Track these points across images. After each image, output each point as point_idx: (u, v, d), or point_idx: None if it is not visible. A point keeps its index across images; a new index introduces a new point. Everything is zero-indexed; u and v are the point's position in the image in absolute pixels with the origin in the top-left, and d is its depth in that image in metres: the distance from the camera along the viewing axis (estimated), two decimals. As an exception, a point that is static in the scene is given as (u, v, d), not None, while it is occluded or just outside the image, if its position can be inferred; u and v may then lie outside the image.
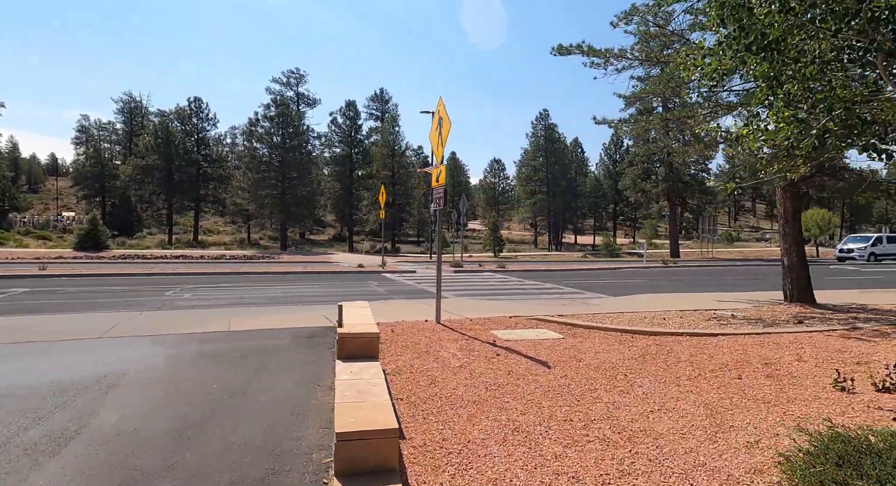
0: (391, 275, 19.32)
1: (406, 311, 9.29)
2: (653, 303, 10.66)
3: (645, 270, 23.79)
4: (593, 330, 7.18)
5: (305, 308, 10.16)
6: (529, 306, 10.44)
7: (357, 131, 54.26)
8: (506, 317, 8.45)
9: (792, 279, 9.49)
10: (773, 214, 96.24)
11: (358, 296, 12.56)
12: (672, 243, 45.32)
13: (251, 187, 45.92)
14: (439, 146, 7.50)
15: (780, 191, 9.63)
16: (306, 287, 14.64)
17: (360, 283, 16.26)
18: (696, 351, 5.87)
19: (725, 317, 8.31)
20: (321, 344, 6.75)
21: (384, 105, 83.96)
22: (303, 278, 17.76)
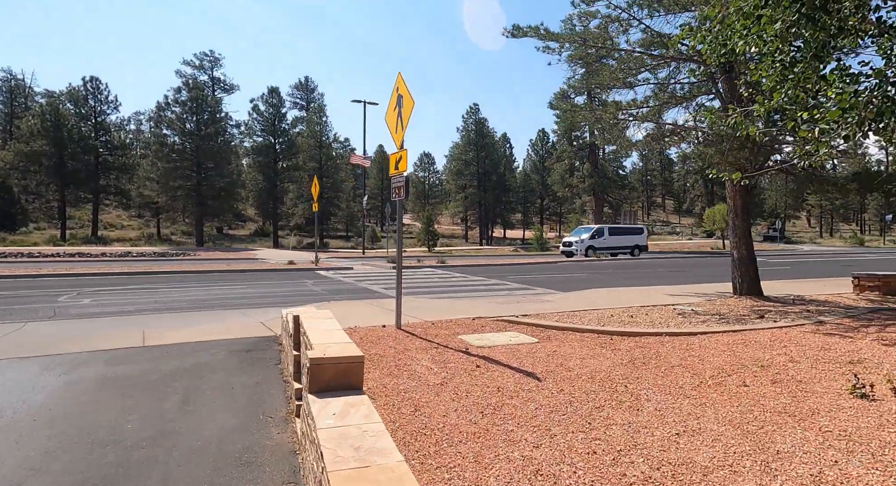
0: (326, 272, 18.05)
1: (356, 314, 8.34)
2: (607, 298, 10.46)
3: (581, 263, 24.19)
4: (567, 332, 6.68)
5: (237, 314, 8.88)
6: (485, 304, 9.84)
7: (281, 120, 51.27)
8: (468, 319, 7.76)
9: (741, 272, 9.63)
10: (681, 210, 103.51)
11: (295, 297, 11.35)
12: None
13: (161, 178, 41.91)
14: (399, 129, 6.62)
15: (730, 185, 9.71)
16: (233, 288, 13.12)
17: (294, 282, 14.91)
18: (684, 354, 5.50)
19: (687, 313, 8.17)
20: (264, 360, 5.69)
21: (309, 94, 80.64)
22: (228, 277, 16.06)
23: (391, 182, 6.94)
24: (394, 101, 6.75)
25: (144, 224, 57.00)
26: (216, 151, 43.84)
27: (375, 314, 8.44)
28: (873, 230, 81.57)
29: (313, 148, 52.84)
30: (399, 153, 6.68)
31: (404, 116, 6.49)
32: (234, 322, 7.94)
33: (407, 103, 6.40)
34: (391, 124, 6.86)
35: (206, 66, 60.96)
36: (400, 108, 6.57)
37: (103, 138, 48.03)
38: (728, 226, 9.93)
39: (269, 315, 8.61)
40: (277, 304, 10.27)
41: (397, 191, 6.72)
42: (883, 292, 10.64)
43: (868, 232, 79.64)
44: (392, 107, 6.80)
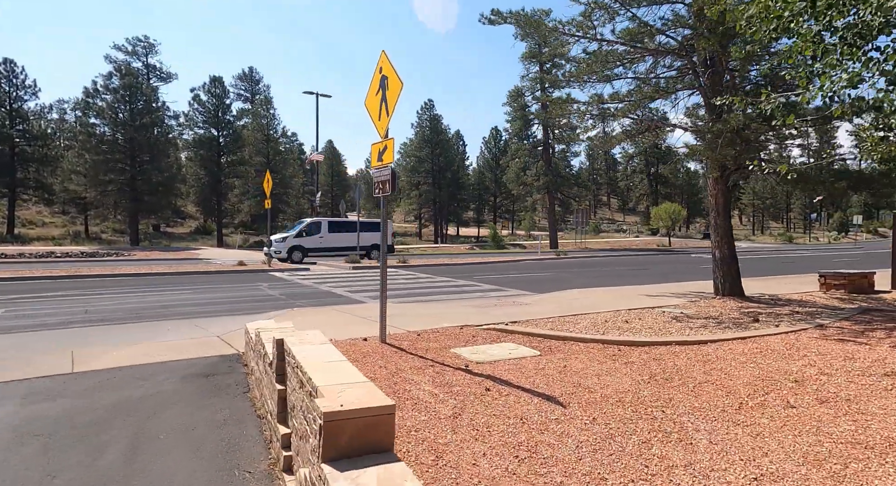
0: (282, 274, 16.80)
1: (327, 324, 7.44)
2: (588, 301, 10.05)
3: (544, 262, 24.03)
4: (568, 342, 6.11)
5: (187, 326, 7.74)
6: (463, 309, 9.17)
7: (225, 111, 48.54)
8: (455, 328, 7.06)
9: (724, 272, 9.47)
10: (625, 208, 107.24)
11: (251, 303, 10.23)
12: (551, 234, 47.64)
13: (90, 171, 38.53)
14: (384, 115, 5.81)
15: (711, 182, 9.52)
16: (178, 293, 11.77)
17: (247, 285, 13.65)
18: (705, 367, 5.04)
19: (680, 316, 7.84)
20: (228, 388, 4.75)
21: (254, 85, 77.27)
22: (171, 280, 14.54)
23: (374, 175, 6.11)
24: (376, 83, 5.92)
25: (70, 221, 52.40)
26: (153, 144, 40.80)
27: (349, 324, 7.57)
28: (797, 228, 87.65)
29: (260, 142, 50.44)
30: (384, 142, 5.87)
31: (390, 101, 5.68)
32: (186, 337, 6.84)
33: (394, 85, 5.60)
34: (373, 110, 6.03)
35: (140, 53, 56.84)
36: (384, 91, 5.76)
37: (20, 127, 43.65)
38: (710, 225, 9.76)
39: (226, 327, 7.55)
40: (233, 312, 9.16)
41: (382, 185, 5.91)
42: (848, 290, 10.84)
43: (793, 229, 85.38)
44: (374, 90, 5.97)
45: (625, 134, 11.64)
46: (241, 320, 8.21)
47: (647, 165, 78.41)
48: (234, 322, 8.00)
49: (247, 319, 8.22)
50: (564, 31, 9.63)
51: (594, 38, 9.61)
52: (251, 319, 8.17)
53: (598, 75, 10.63)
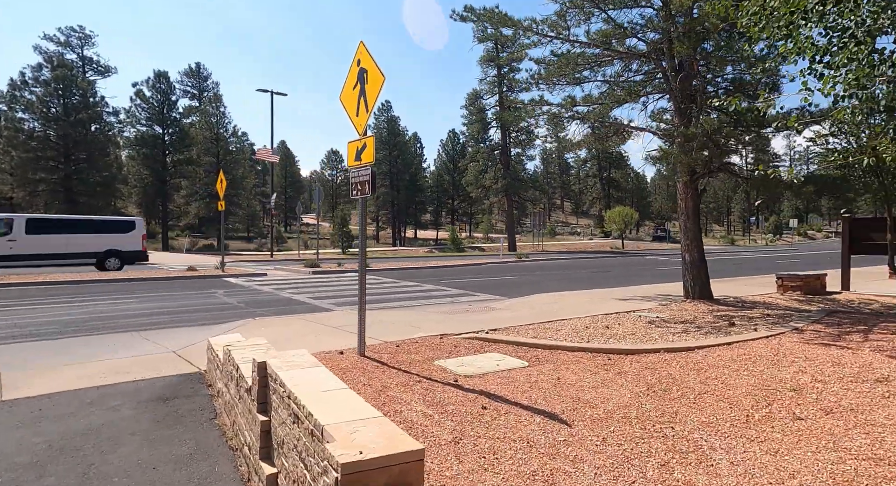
0: (237, 280, 15.88)
1: (295, 335, 6.92)
2: (561, 305, 9.94)
3: (506, 265, 24.00)
4: (556, 351, 5.88)
5: (137, 340, 7.00)
6: (436, 316, 8.84)
7: (171, 108, 46.21)
8: (434, 337, 6.70)
9: (694, 276, 9.58)
10: (578, 211, 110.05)
11: (207, 311, 9.48)
12: (510, 237, 48.05)
13: (17, 169, 35.64)
14: (362, 111, 5.39)
15: (681, 186, 9.61)
16: (124, 302, 10.81)
17: (200, 292, 12.76)
18: (699, 376, 4.92)
19: (656, 320, 7.80)
20: (192, 414, 4.21)
21: (202, 82, 74.26)
22: (113, 287, 13.41)
23: (352, 175, 5.67)
24: (353, 76, 5.50)
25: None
26: (90, 141, 38.22)
27: (320, 335, 7.07)
28: (737, 231, 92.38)
29: (209, 141, 48.34)
30: (363, 140, 5.45)
31: (370, 95, 5.28)
32: (137, 354, 6.15)
33: (374, 79, 5.20)
34: (350, 106, 5.60)
35: (75, 44, 53.22)
36: (363, 84, 5.34)
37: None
38: (680, 229, 9.86)
39: (182, 340, 6.88)
40: (188, 323, 8.43)
41: (360, 186, 5.48)
42: (804, 292, 11.24)
43: (733, 232, 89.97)
44: (351, 84, 5.55)
45: (594, 137, 11.64)
46: (199, 332, 7.55)
47: (599, 169, 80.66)
48: (192, 335, 7.32)
49: (205, 330, 7.55)
50: (537, 30, 9.49)
51: (567, 38, 9.53)
52: (210, 330, 7.52)
53: (568, 78, 10.57)
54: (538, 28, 9.42)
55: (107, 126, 44.33)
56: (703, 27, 7.72)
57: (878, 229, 11.29)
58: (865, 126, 8.19)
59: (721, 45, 7.91)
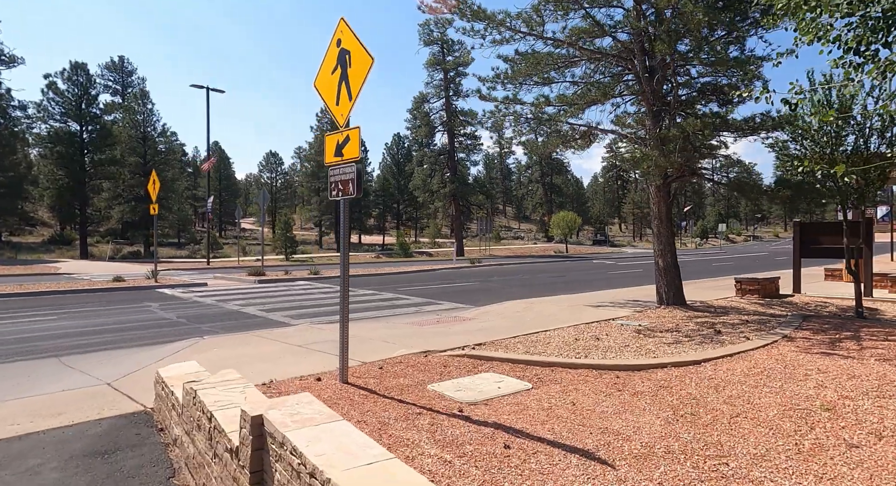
0: (173, 291, 14.36)
1: (259, 358, 6.02)
2: (534, 314, 9.54)
3: (461, 271, 23.55)
4: (556, 369, 5.39)
5: (59, 367, 5.81)
6: (408, 328, 8.16)
7: (91, 104, 42.35)
8: (418, 356, 6.03)
9: (668, 282, 9.47)
10: (520, 216, 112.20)
11: (144, 329, 8.25)
12: (458, 242, 47.87)
13: None
14: (343, 99, 4.66)
15: (654, 190, 9.51)
16: (41, 319, 9.28)
17: (131, 306, 11.31)
18: (720, 396, 4.58)
19: (641, 329, 7.54)
20: (141, 473, 3.32)
21: (126, 77, 69.46)
22: (26, 302, 11.63)
23: (332, 174, 4.91)
24: (332, 59, 4.76)
25: None
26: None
27: (284, 355, 6.21)
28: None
29: (135, 140, 44.85)
30: (345, 133, 4.71)
31: (354, 81, 4.56)
32: (62, 387, 5.04)
33: (360, 62, 4.49)
34: (327, 93, 4.85)
35: (-24, 28, 47.91)
36: (345, 68, 4.62)
37: None
38: (653, 233, 9.73)
39: (117, 367, 5.79)
40: (122, 344, 7.25)
41: (342, 186, 4.74)
42: (761, 295, 11.51)
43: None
44: (328, 67, 4.80)
45: (560, 139, 11.39)
46: (137, 354, 6.45)
47: (542, 175, 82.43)
48: (129, 359, 6.22)
49: (144, 352, 6.46)
50: (510, 25, 9.07)
51: (540, 35, 9.18)
52: (151, 352, 6.44)
53: (538, 77, 10.26)
54: (511, 23, 9.00)
55: (13, 121, 39.87)
56: (683, 25, 7.59)
57: (827, 234, 11.76)
58: (824, 134, 8.36)
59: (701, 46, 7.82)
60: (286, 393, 4.50)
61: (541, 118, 10.67)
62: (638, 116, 11.12)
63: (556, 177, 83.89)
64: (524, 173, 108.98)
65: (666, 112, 9.19)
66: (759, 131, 8.70)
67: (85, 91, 41.28)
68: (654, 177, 8.99)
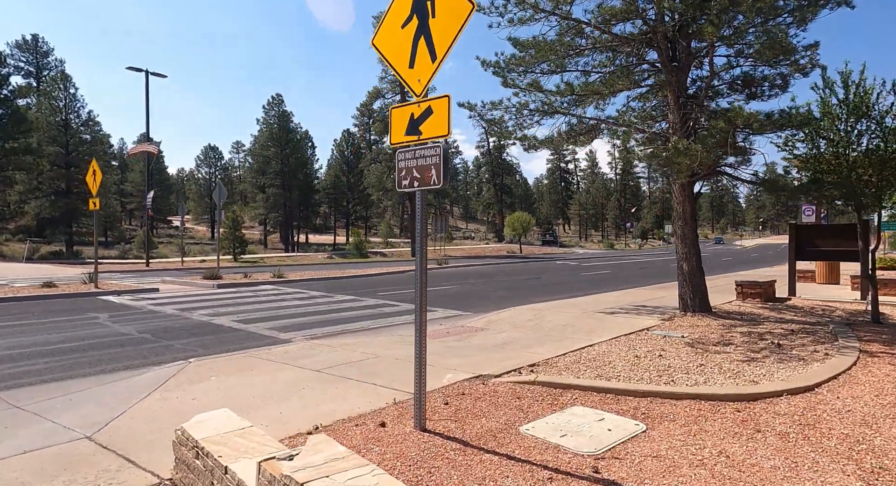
0: (121, 298, 12.38)
1: (276, 392, 4.77)
2: (552, 322, 8.76)
3: (431, 272, 22.50)
4: (656, 401, 4.54)
5: (8, 415, 4.28)
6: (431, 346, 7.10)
7: (1, 85, 37.60)
8: (473, 383, 5.04)
9: (693, 287, 8.95)
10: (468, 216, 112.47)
11: (101, 349, 6.65)
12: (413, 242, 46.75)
13: None
14: (423, 61, 3.59)
15: (678, 189, 8.97)
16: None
17: (73, 317, 9.45)
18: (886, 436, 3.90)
19: (693, 343, 6.91)
20: None
21: (42, 58, 63.24)
22: (-71, 317, 9.44)
23: (402, 158, 3.81)
24: (403, 6, 3.67)
25: None
26: None
27: (306, 385, 5.00)
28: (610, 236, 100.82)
29: (55, 128, 40.43)
30: (424, 104, 3.63)
31: (441, 35, 3.49)
32: (18, 447, 3.60)
33: (451, 7, 3.43)
34: (394, 53, 3.76)
35: None
36: (425, 18, 3.54)
37: None
38: (675, 235, 9.20)
39: (92, 407, 4.37)
40: (82, 370, 5.72)
41: (419, 174, 3.65)
42: (763, 299, 11.36)
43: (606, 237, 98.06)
44: (397, 19, 3.70)
45: (565, 134, 10.70)
46: (111, 387, 5.01)
47: (493, 175, 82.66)
48: (101, 394, 4.78)
49: (119, 384, 5.02)
50: (533, 3, 8.23)
51: (565, 15, 8.41)
52: (127, 384, 5.03)
53: (552, 63, 9.52)
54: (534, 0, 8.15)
55: None
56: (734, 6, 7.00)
57: (822, 237, 11.79)
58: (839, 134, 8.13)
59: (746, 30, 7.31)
60: (354, 448, 3.36)
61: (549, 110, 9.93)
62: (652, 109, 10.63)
63: (506, 177, 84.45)
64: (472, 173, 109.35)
65: (693, 104, 8.68)
66: (784, 128, 8.34)
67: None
68: (680, 175, 8.42)
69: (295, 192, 53.70)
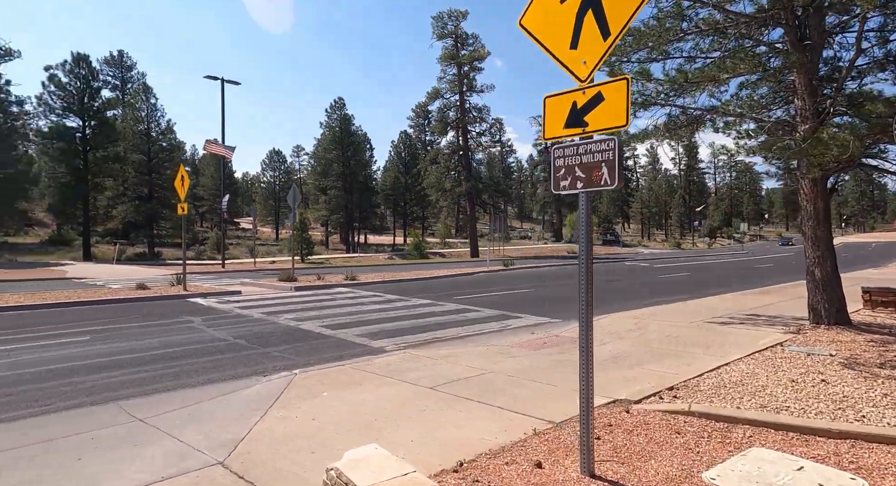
0: (208, 301, 12.66)
1: (388, 412, 4.39)
2: (655, 333, 7.99)
3: (499, 274, 21.93)
4: (859, 445, 3.79)
5: (129, 426, 4.13)
6: (526, 356, 6.56)
7: (94, 97, 40.40)
8: (613, 408, 4.44)
9: (828, 296, 7.89)
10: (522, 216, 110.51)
11: (201, 356, 6.58)
12: (472, 242, 46.33)
13: None
14: (591, 39, 3.06)
15: (807, 185, 7.93)
16: (77, 342, 7.58)
17: (169, 321, 9.64)
18: None
19: (847, 363, 5.97)
20: None
21: (126, 72, 67.58)
22: (46, 316, 9.92)
23: (555, 155, 3.30)
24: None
25: None
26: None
27: (421, 404, 4.59)
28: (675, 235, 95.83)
29: (139, 136, 42.96)
30: (591, 90, 3.10)
31: (615, 8, 2.94)
32: (154, 473, 3.38)
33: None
34: (550, 32, 3.24)
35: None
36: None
37: None
38: (805, 236, 8.15)
39: (212, 424, 4.16)
40: (188, 378, 5.61)
41: (585, 172, 3.12)
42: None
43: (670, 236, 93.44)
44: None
45: (666, 127, 9.84)
46: (223, 402, 4.80)
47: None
48: (216, 409, 4.58)
49: (231, 398, 4.80)
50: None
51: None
52: (238, 398, 4.81)
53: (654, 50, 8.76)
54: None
55: (12, 116, 37.84)
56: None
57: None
58: None
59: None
60: (519, 495, 2.87)
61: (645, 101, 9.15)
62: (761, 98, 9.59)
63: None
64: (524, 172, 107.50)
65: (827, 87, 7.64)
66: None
67: (87, 84, 39.40)
68: (814, 168, 7.39)
69: (355, 193, 54.61)
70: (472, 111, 47.71)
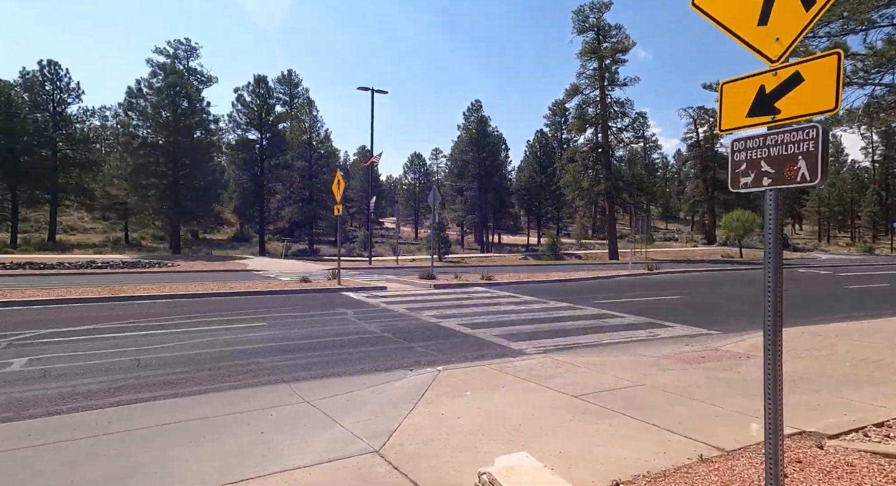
0: (357, 295, 13.80)
1: (536, 418, 4.27)
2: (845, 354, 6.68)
3: (642, 279, 20.46)
4: None
5: (301, 413, 4.61)
6: (681, 371, 5.94)
7: (269, 113, 46.50)
8: (804, 443, 3.81)
9: None
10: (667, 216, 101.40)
11: (354, 347, 7.14)
12: (611, 244, 43.97)
13: (131, 175, 36.68)
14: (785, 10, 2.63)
15: None
16: (250, 327, 8.83)
17: (325, 312, 10.70)
18: None
19: None
20: None
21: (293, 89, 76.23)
22: (231, 304, 11.69)
23: (734, 148, 2.91)
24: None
25: (110, 227, 51.34)
26: (196, 146, 38.84)
27: (567, 415, 4.40)
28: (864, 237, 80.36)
29: (303, 145, 48.34)
30: (785, 71, 2.67)
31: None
32: (319, 454, 3.75)
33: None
34: (733, 10, 2.86)
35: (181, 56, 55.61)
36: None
37: (63, 131, 42.35)
38: None
39: (365, 412, 4.46)
40: (344, 366, 6.12)
41: (775, 167, 2.70)
42: None
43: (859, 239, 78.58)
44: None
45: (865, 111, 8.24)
46: (377, 391, 5.12)
47: (703, 169, 73.16)
48: (370, 399, 4.91)
49: (384, 388, 5.09)
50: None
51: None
52: (389, 390, 5.07)
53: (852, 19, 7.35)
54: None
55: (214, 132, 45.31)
56: None
57: None
58: None
59: None
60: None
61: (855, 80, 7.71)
62: None
63: (719, 171, 73.82)
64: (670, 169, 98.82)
65: None
66: None
67: (265, 102, 45.43)
68: None
69: (490, 193, 55.25)
70: (613, 106, 45.33)
